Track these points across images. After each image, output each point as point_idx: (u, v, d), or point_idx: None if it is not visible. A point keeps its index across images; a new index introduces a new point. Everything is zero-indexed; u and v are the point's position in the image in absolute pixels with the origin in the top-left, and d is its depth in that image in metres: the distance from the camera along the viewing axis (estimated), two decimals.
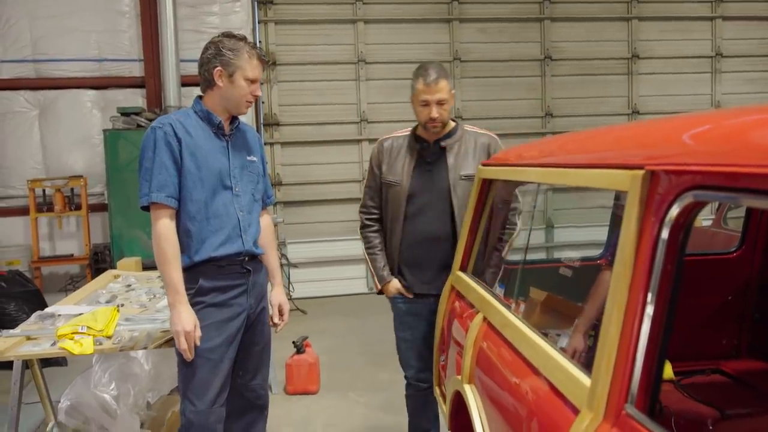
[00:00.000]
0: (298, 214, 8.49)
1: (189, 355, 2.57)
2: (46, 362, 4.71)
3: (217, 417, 2.67)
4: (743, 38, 9.33)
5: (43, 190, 7.48)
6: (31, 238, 7.53)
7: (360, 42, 8.49)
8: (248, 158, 2.81)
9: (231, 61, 2.62)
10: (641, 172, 1.37)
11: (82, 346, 2.98)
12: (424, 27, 8.67)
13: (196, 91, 2.84)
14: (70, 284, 7.48)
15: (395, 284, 3.16)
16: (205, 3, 7.93)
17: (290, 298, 7.90)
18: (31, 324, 3.40)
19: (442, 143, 3.08)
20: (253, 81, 2.68)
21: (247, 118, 8.07)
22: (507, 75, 8.85)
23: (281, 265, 7.97)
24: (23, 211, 7.57)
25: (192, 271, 2.63)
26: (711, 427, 2.39)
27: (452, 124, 3.14)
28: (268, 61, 2.72)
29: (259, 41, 8.22)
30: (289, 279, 8.18)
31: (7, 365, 3.25)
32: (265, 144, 8.33)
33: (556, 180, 1.97)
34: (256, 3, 8.15)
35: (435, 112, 2.96)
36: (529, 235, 2.79)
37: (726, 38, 9.27)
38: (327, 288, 8.28)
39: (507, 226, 2.94)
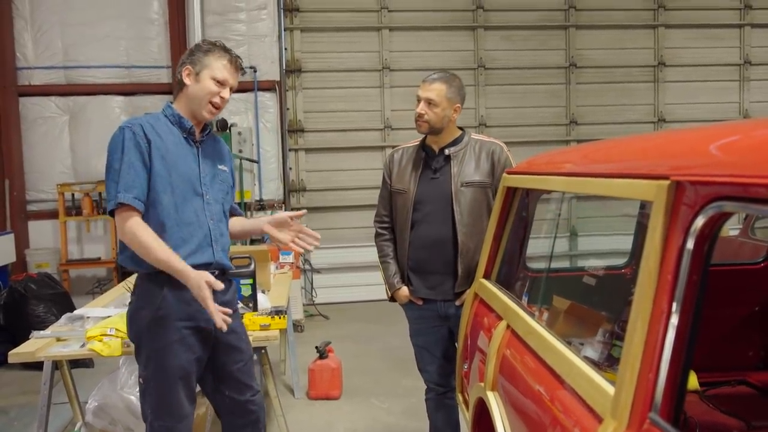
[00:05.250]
0: (321, 220, 8.53)
1: (225, 317, 2.39)
2: (74, 363, 4.78)
3: (188, 429, 2.62)
4: None
5: (72, 195, 7.62)
6: (59, 242, 7.66)
7: (385, 49, 8.53)
8: (219, 167, 2.72)
9: (200, 59, 2.57)
10: (666, 182, 1.37)
11: (111, 347, 3.04)
12: (449, 34, 8.68)
13: None
14: (97, 287, 7.59)
15: (404, 292, 3.24)
16: (232, 11, 8.02)
17: (313, 303, 7.96)
18: (61, 326, 3.47)
19: (447, 151, 3.14)
20: (221, 83, 2.58)
21: (272, 125, 8.17)
22: (531, 82, 8.82)
23: (304, 270, 8.04)
24: (52, 215, 7.70)
25: (157, 280, 2.49)
26: None
27: (458, 132, 3.19)
28: (243, 71, 2.64)
29: (285, 48, 8.30)
30: (312, 284, 8.22)
31: (37, 366, 3.32)
32: (290, 150, 8.40)
33: (581, 189, 1.97)
34: (282, 11, 8.22)
35: (420, 109, 3.06)
36: (554, 243, 2.78)
37: (755, 46, 9.15)
38: (350, 294, 8.29)
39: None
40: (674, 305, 1.31)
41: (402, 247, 3.22)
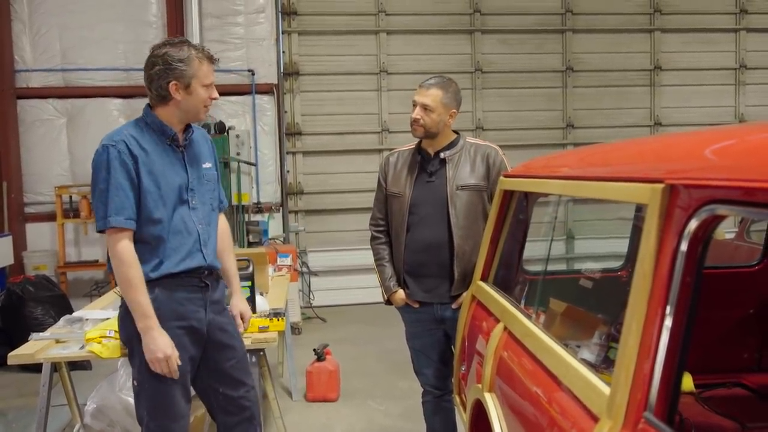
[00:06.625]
0: (319, 222, 8.55)
1: (176, 376, 2.51)
2: (72, 366, 4.79)
3: (184, 430, 2.64)
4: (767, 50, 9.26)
5: (70, 197, 7.61)
6: (57, 244, 7.66)
7: (382, 53, 8.55)
8: (204, 166, 2.72)
9: (184, 72, 2.52)
10: (661, 185, 1.40)
11: (110, 349, 3.05)
12: (446, 38, 8.71)
13: (221, 100, 2.84)
14: (94, 289, 7.58)
15: (400, 294, 3.25)
16: (230, 14, 8.04)
17: (310, 306, 7.96)
18: (59, 328, 3.48)
19: (443, 155, 3.16)
20: (209, 85, 2.60)
21: (269, 127, 8.19)
22: (528, 86, 8.85)
23: (301, 273, 8.05)
24: (50, 217, 7.69)
25: (148, 283, 2.53)
26: None
27: (453, 135, 3.21)
28: (217, 59, 2.62)
29: (283, 51, 8.32)
30: (309, 287, 8.24)
31: (35, 368, 3.32)
32: (288, 153, 8.41)
33: (577, 192, 2.00)
34: (280, 14, 8.25)
35: (416, 113, 3.08)
36: (550, 246, 2.80)
37: (750, 50, 9.20)
38: (347, 296, 8.29)
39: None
40: (668, 306, 1.33)
41: (398, 251, 3.24)
